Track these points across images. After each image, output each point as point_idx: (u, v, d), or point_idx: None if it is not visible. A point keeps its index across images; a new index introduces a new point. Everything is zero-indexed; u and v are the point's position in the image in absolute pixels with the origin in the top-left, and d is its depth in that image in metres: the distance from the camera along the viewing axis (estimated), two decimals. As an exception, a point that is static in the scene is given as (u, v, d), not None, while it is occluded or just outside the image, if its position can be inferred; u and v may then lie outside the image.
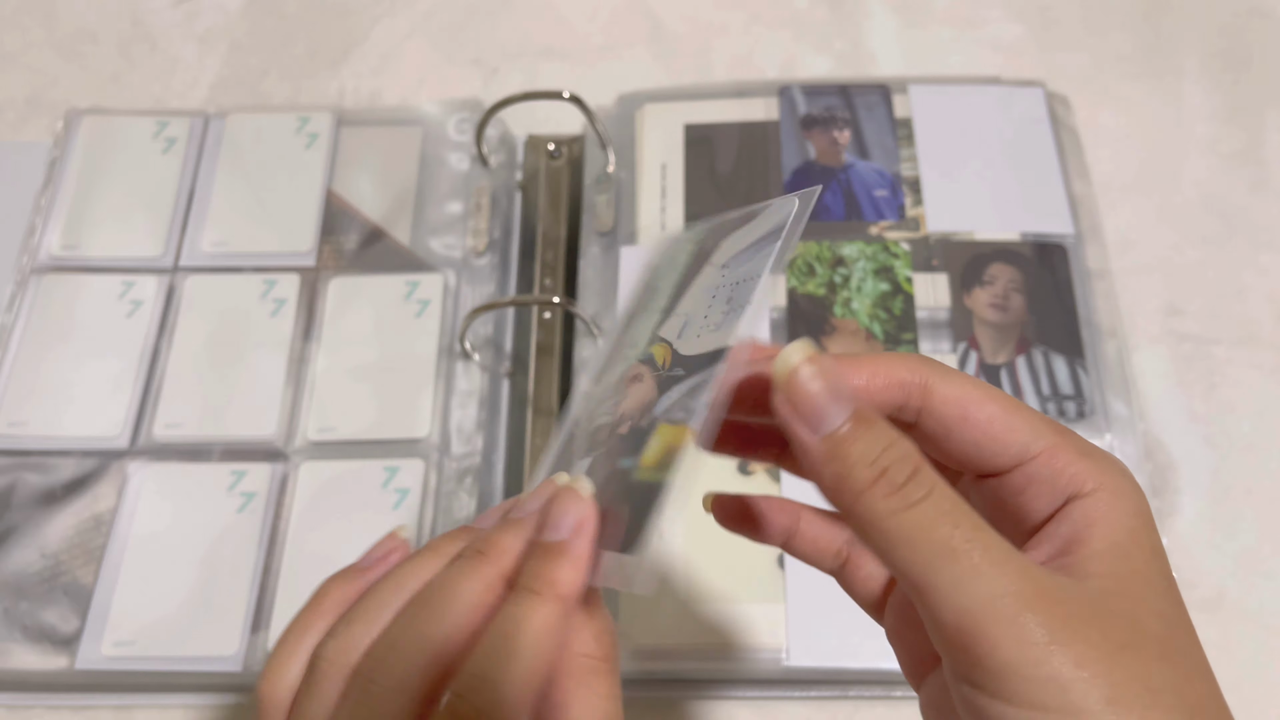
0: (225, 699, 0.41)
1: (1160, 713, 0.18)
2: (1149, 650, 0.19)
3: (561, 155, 0.52)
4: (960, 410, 0.21)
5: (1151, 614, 0.19)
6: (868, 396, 0.22)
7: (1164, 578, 0.20)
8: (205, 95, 0.56)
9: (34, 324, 0.47)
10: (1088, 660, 0.18)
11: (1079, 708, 0.18)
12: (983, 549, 0.19)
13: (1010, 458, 0.21)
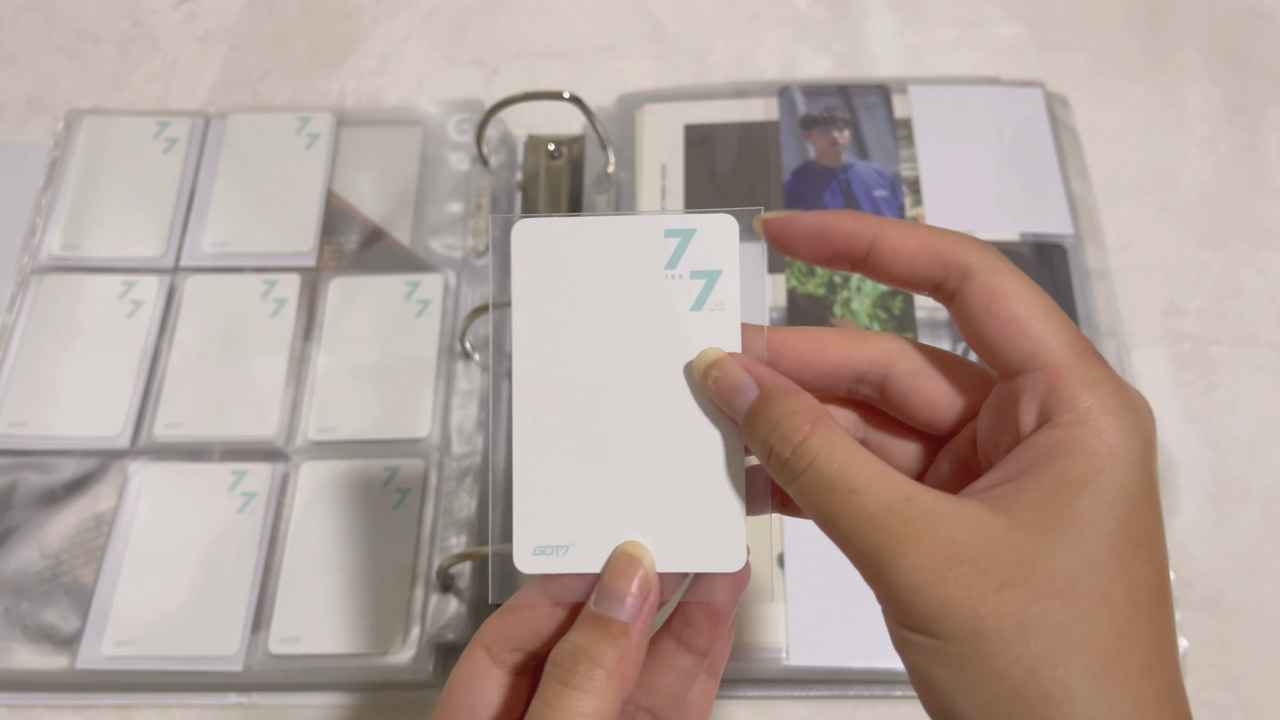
0: (226, 699, 0.41)
1: (1029, 646, 0.19)
2: (1037, 589, 0.19)
3: (562, 155, 0.52)
4: (986, 303, 0.22)
5: (1068, 554, 0.19)
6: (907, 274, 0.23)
7: (1115, 520, 0.20)
8: (206, 96, 0.57)
9: (35, 324, 0.47)
10: (952, 598, 0.19)
11: (944, 635, 0.20)
12: (857, 508, 0.21)
13: (1015, 361, 0.21)
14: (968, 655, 0.20)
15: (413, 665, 0.40)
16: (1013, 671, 0.19)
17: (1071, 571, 0.19)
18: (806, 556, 0.40)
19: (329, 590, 0.41)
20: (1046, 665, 0.19)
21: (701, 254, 0.25)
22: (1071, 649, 0.19)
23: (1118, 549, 0.20)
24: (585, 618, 0.24)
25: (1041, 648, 0.19)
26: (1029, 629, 0.19)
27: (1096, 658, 0.19)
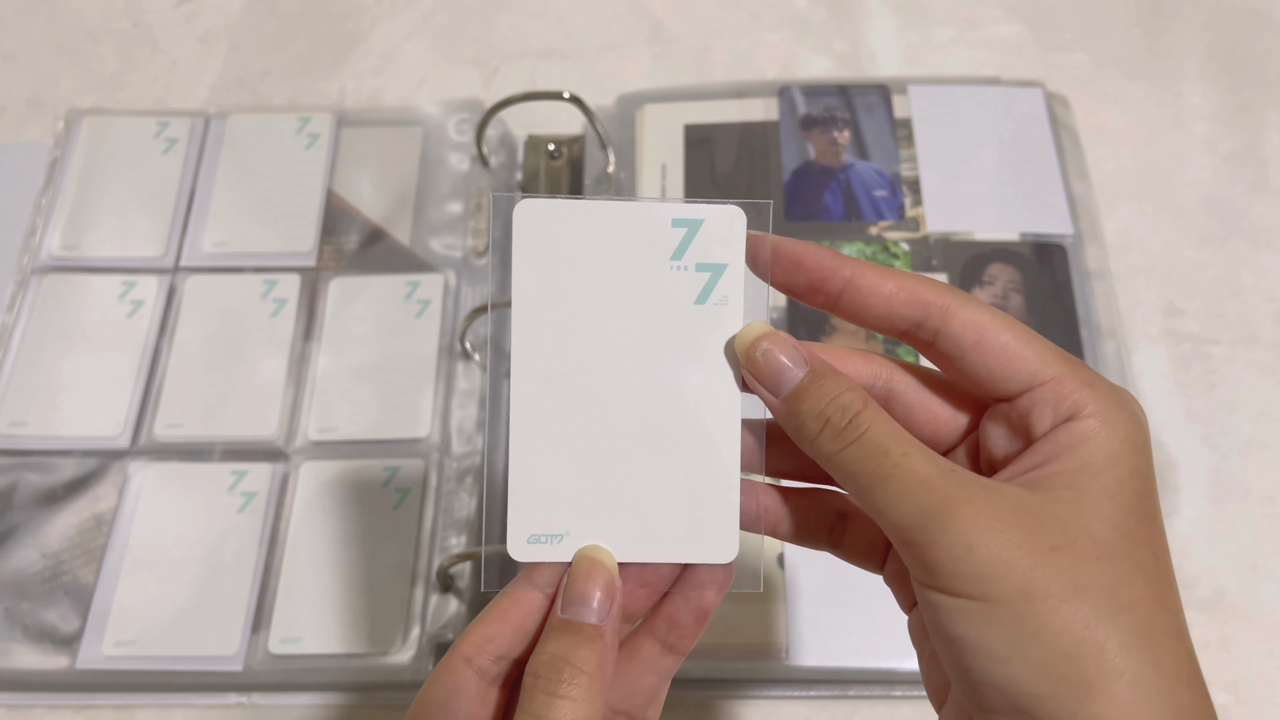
0: (226, 699, 0.41)
1: (1082, 606, 0.20)
2: (1084, 552, 0.20)
3: (562, 156, 0.52)
4: (976, 335, 0.23)
5: (1104, 524, 0.21)
6: (884, 317, 0.24)
7: (1136, 496, 0.22)
8: (206, 96, 0.57)
9: (35, 324, 0.47)
10: (1006, 557, 0.20)
11: (996, 596, 0.20)
12: (909, 470, 0.21)
13: (1020, 383, 0.23)
14: (1022, 615, 0.20)
15: (413, 665, 0.40)
16: (1070, 628, 0.20)
17: (1109, 539, 0.21)
18: (807, 557, 0.40)
19: (329, 590, 0.41)
20: (1098, 623, 0.20)
21: (707, 246, 0.24)
22: (1118, 608, 0.20)
23: (1142, 521, 0.21)
24: (556, 625, 0.24)
25: (1093, 606, 0.20)
26: (1080, 589, 0.20)
27: (1139, 617, 0.20)
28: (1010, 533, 0.20)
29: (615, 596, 0.24)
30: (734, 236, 0.24)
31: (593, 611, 0.24)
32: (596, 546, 0.25)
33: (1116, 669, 0.20)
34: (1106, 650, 0.20)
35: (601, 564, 0.24)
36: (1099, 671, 0.20)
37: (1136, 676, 0.20)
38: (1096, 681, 0.20)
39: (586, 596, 0.24)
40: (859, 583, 0.40)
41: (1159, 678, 0.20)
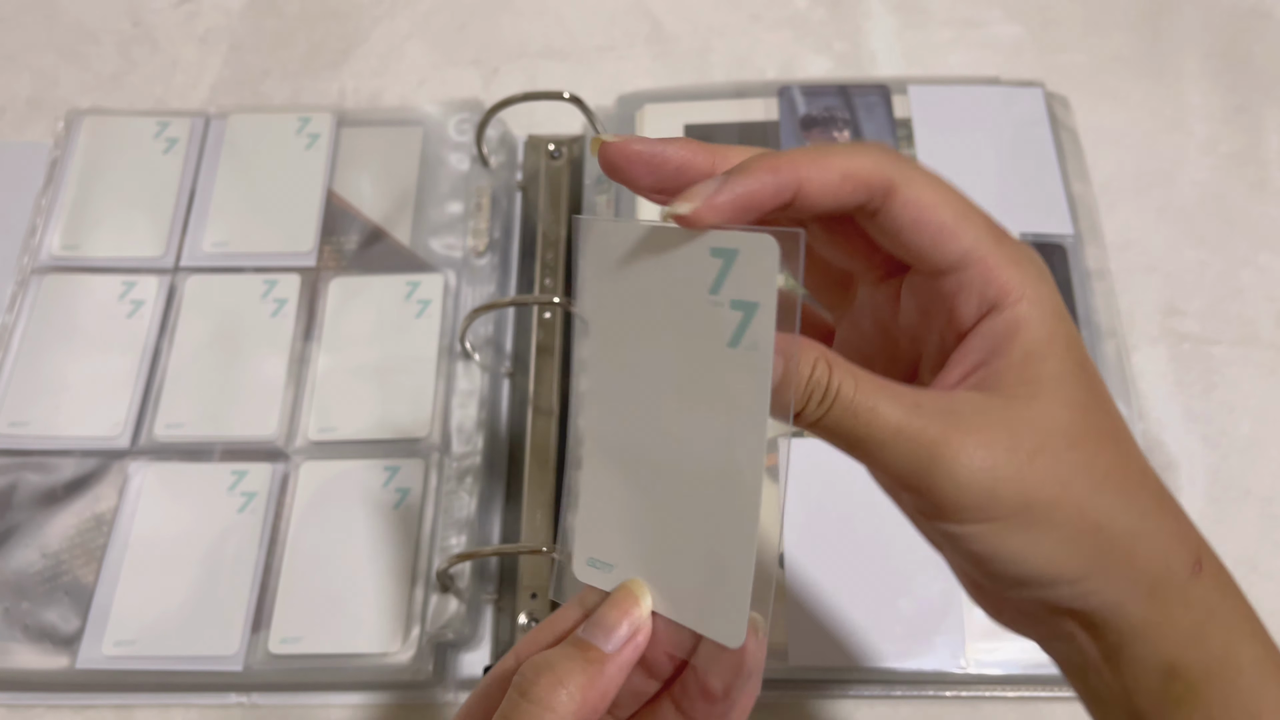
0: (226, 698, 0.41)
1: (1074, 496, 0.22)
2: (1059, 448, 0.22)
3: (562, 155, 0.52)
4: (915, 214, 0.23)
5: (1064, 408, 0.22)
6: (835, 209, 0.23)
7: (1077, 366, 0.23)
8: (206, 96, 0.57)
9: (35, 324, 0.47)
10: (997, 480, 0.22)
11: (1001, 515, 0.22)
12: (881, 425, 0.22)
13: (950, 262, 0.23)
14: (1027, 521, 0.22)
15: (412, 665, 0.40)
16: (1069, 518, 0.22)
17: (1073, 422, 0.22)
18: (806, 557, 0.40)
19: (329, 590, 0.41)
20: (1089, 502, 0.22)
21: (740, 281, 0.22)
22: (1098, 483, 0.22)
23: (1089, 389, 0.23)
24: (569, 639, 0.24)
25: (1080, 490, 0.22)
26: (1066, 482, 0.22)
27: (1117, 481, 0.23)
28: (992, 454, 0.22)
29: (636, 635, 0.24)
30: (765, 270, 0.22)
31: (606, 638, 0.24)
32: (639, 583, 0.24)
33: (1116, 530, 0.22)
34: (1101, 521, 0.22)
35: (635, 598, 0.24)
36: (1112, 537, 0.22)
37: (1137, 532, 0.23)
38: (1112, 546, 0.22)
39: (607, 623, 0.24)
40: (858, 583, 0.40)
41: (1159, 520, 0.23)
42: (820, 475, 0.42)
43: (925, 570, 0.39)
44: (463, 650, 0.42)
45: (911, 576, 0.39)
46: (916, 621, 0.39)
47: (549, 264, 0.49)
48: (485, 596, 0.43)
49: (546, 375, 0.47)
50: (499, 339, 0.48)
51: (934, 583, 0.39)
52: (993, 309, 0.23)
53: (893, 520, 0.41)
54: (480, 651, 0.42)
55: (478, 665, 0.41)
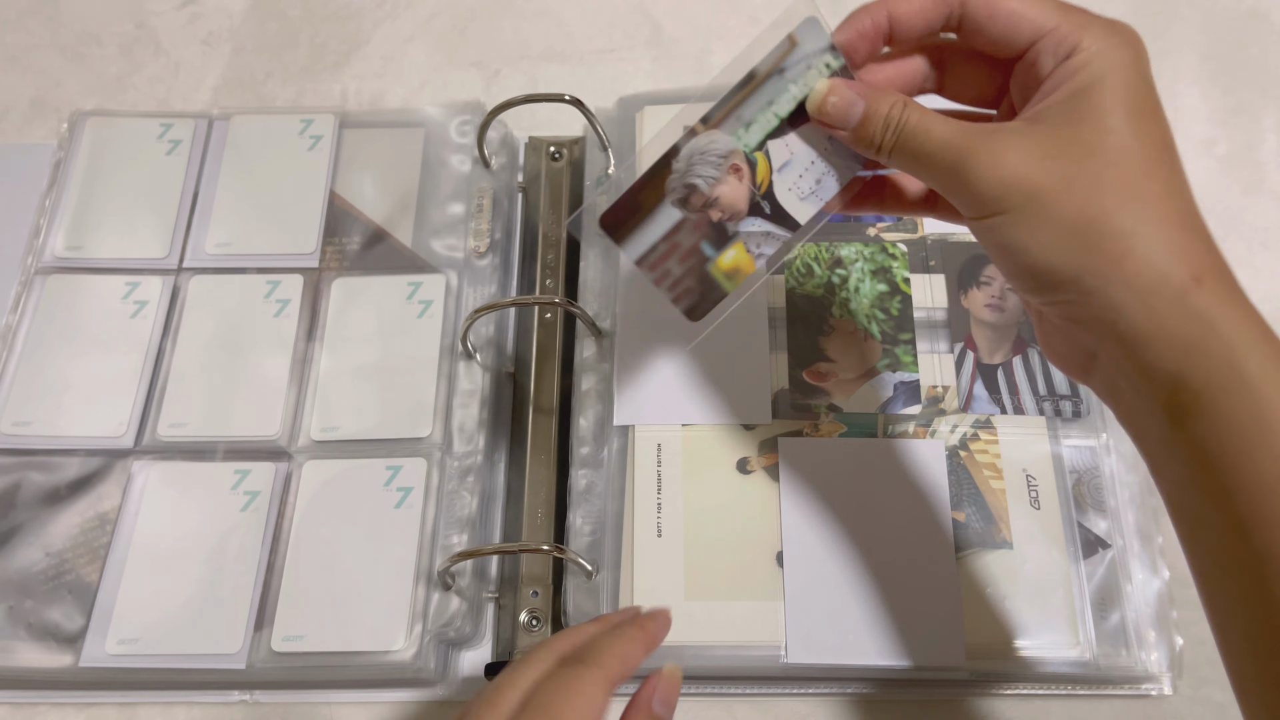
0: (229, 696, 0.42)
1: (1075, 194, 0.25)
2: (1072, 154, 0.26)
3: (562, 157, 0.52)
4: (989, 10, 0.28)
5: (1094, 129, 0.26)
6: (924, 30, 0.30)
7: (1124, 104, 0.26)
8: (209, 97, 0.57)
9: (39, 324, 0.47)
10: (1009, 176, 0.26)
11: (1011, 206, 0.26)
12: (936, 139, 0.28)
13: (1026, 38, 0.28)
14: (1032, 212, 0.26)
15: (414, 663, 0.40)
16: (1066, 213, 0.26)
17: (1095, 139, 0.26)
18: (805, 556, 0.40)
19: (331, 588, 0.41)
20: (1088, 199, 0.25)
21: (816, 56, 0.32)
22: (1104, 186, 0.25)
23: (1129, 120, 0.26)
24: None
25: (1084, 190, 0.25)
26: (1072, 181, 0.26)
27: (1125, 188, 0.25)
28: (1010, 157, 0.26)
29: None
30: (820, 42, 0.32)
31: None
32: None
33: (1112, 227, 0.25)
34: (1096, 218, 0.25)
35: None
36: (1104, 235, 0.25)
37: (1132, 234, 0.25)
38: (1103, 243, 0.25)
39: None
40: (857, 581, 0.40)
41: (1159, 229, 0.25)
42: (821, 475, 0.42)
43: (925, 569, 0.40)
44: (464, 648, 0.43)
45: (911, 575, 0.40)
46: (916, 620, 0.39)
47: (550, 265, 0.50)
48: (486, 595, 0.43)
49: (547, 375, 0.47)
50: (500, 339, 0.48)
51: (934, 581, 0.40)
52: (1065, 59, 0.27)
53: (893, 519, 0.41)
54: (482, 649, 0.43)
55: (479, 663, 0.42)
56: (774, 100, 0.32)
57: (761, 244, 0.34)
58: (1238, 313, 0.24)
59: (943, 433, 0.42)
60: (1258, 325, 0.24)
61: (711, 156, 0.33)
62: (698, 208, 0.33)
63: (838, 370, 0.44)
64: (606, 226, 0.34)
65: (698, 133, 0.33)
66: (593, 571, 0.41)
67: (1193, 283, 0.25)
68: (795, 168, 0.33)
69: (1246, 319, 0.24)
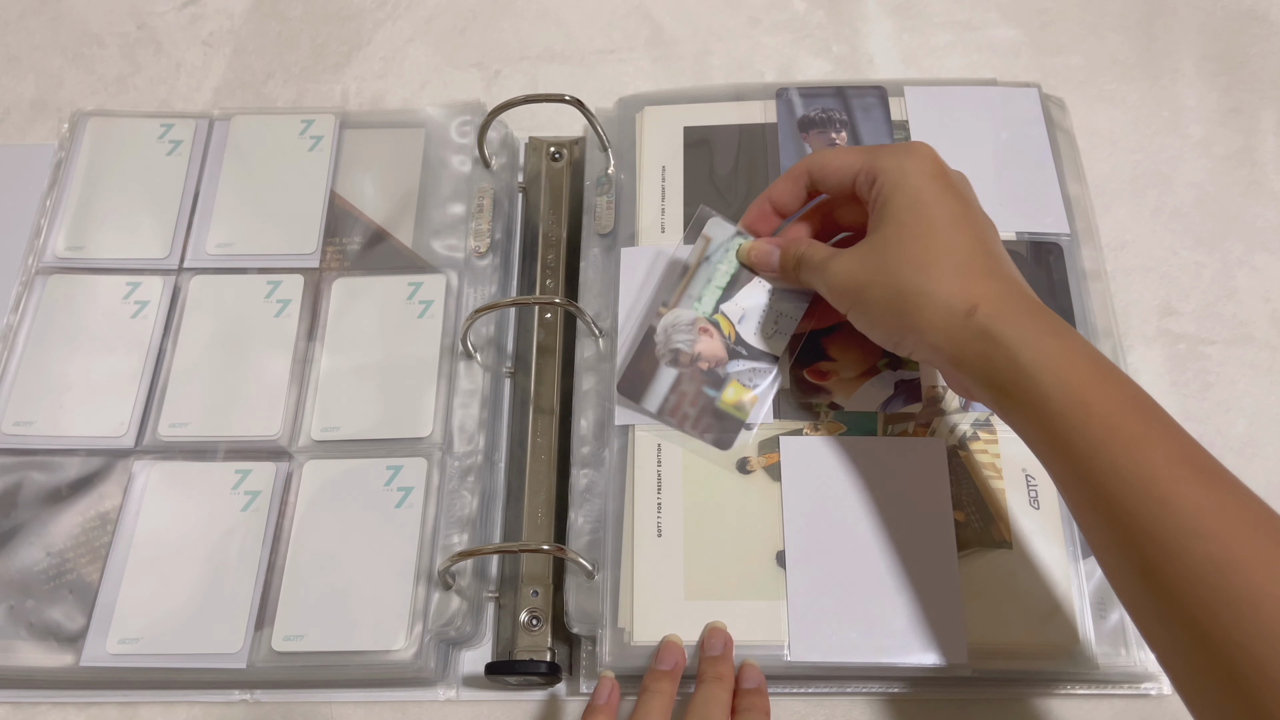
0: (230, 695, 0.42)
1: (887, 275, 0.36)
2: (879, 249, 0.37)
3: (562, 157, 0.52)
4: (821, 170, 0.40)
5: (894, 226, 0.36)
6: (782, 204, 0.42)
7: (912, 203, 0.36)
8: (210, 98, 0.57)
9: (40, 324, 0.48)
10: (851, 282, 0.37)
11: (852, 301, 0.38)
12: (828, 273, 0.39)
13: (849, 178, 0.39)
14: (864, 301, 0.37)
15: (415, 662, 0.40)
16: (882, 294, 0.36)
17: (892, 236, 0.36)
18: (806, 555, 0.40)
19: (332, 588, 0.41)
20: (894, 279, 0.36)
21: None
22: (903, 266, 0.35)
23: (913, 212, 0.36)
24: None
25: (889, 275, 0.36)
26: (881, 272, 0.36)
27: (914, 263, 0.35)
28: (844, 267, 0.38)
29: None
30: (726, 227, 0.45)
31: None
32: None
33: (915, 294, 0.35)
34: (905, 289, 0.35)
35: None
36: (907, 300, 0.35)
37: (926, 293, 0.34)
38: (908, 306, 0.35)
39: None
40: (858, 581, 0.40)
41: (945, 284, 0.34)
42: (822, 474, 0.42)
43: (927, 567, 0.40)
44: (464, 648, 0.43)
45: (913, 574, 0.40)
46: (916, 619, 0.39)
47: (550, 265, 0.50)
48: (487, 594, 0.43)
49: (547, 375, 0.47)
50: (500, 339, 0.48)
51: (935, 580, 0.40)
52: (870, 187, 0.38)
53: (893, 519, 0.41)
54: (482, 649, 0.43)
55: (479, 663, 0.42)
56: (711, 278, 0.43)
57: (753, 378, 0.43)
58: (1007, 326, 0.33)
59: (943, 432, 0.42)
60: (1023, 327, 0.32)
61: (681, 325, 0.43)
62: (686, 364, 0.43)
63: (838, 369, 0.44)
64: (625, 392, 0.43)
65: (663, 314, 0.43)
66: (593, 571, 0.41)
67: (969, 312, 0.33)
68: (752, 318, 0.43)
69: (1015, 325, 0.33)
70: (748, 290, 0.43)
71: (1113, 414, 0.30)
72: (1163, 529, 0.28)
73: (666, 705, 0.37)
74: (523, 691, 0.42)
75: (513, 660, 0.41)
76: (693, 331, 0.43)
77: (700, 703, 0.36)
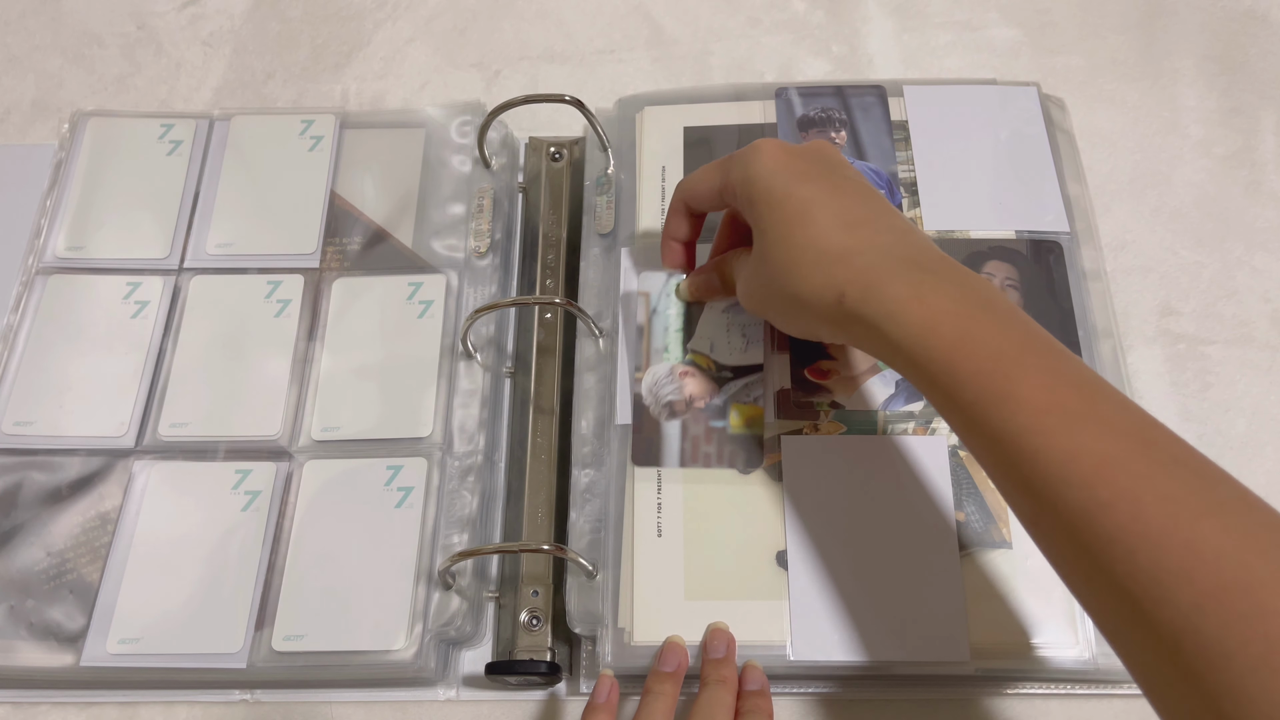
0: (230, 695, 0.42)
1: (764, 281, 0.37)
2: (757, 259, 0.38)
3: (562, 157, 0.52)
4: (695, 198, 0.41)
5: (757, 237, 0.37)
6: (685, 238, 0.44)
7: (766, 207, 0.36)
8: (210, 98, 0.57)
9: (40, 324, 0.48)
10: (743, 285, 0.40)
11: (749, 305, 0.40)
12: (740, 291, 0.40)
13: (716, 198, 0.40)
14: (759, 308, 0.39)
15: (415, 662, 0.40)
16: (771, 300, 0.38)
17: (758, 245, 0.37)
18: (807, 555, 0.40)
19: (332, 588, 0.41)
20: (774, 285, 0.36)
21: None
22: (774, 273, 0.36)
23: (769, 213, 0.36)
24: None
25: (768, 282, 0.37)
26: (762, 279, 0.37)
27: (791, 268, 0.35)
28: (740, 276, 0.40)
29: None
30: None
31: None
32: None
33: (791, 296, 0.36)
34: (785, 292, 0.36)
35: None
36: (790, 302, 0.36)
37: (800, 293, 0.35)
38: (793, 307, 0.36)
39: None
40: (859, 581, 0.40)
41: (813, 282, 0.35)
42: (823, 473, 0.42)
43: (928, 566, 0.40)
44: (464, 648, 0.43)
45: (915, 572, 0.40)
46: (917, 618, 0.39)
47: (550, 265, 0.50)
48: (487, 594, 0.43)
49: (548, 375, 0.47)
50: (500, 339, 0.48)
51: (937, 578, 0.40)
52: (731, 199, 0.39)
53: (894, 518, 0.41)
54: (482, 649, 0.43)
55: (479, 663, 0.42)
56: (666, 326, 0.45)
57: (749, 392, 0.43)
58: (872, 304, 0.33)
59: (943, 430, 0.42)
60: (887, 301, 0.32)
61: (662, 379, 0.43)
62: (684, 411, 0.43)
63: (839, 367, 0.44)
64: (641, 462, 0.42)
65: (641, 378, 0.44)
66: (593, 571, 0.41)
67: (837, 301, 0.34)
68: (721, 342, 0.44)
69: (879, 302, 0.32)
70: (705, 320, 0.45)
71: (978, 373, 0.30)
72: (1041, 481, 0.27)
73: (669, 707, 0.37)
74: (523, 691, 0.42)
75: (513, 660, 0.41)
76: (675, 379, 0.43)
77: (704, 706, 0.36)
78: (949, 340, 0.31)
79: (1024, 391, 0.29)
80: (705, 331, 0.44)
